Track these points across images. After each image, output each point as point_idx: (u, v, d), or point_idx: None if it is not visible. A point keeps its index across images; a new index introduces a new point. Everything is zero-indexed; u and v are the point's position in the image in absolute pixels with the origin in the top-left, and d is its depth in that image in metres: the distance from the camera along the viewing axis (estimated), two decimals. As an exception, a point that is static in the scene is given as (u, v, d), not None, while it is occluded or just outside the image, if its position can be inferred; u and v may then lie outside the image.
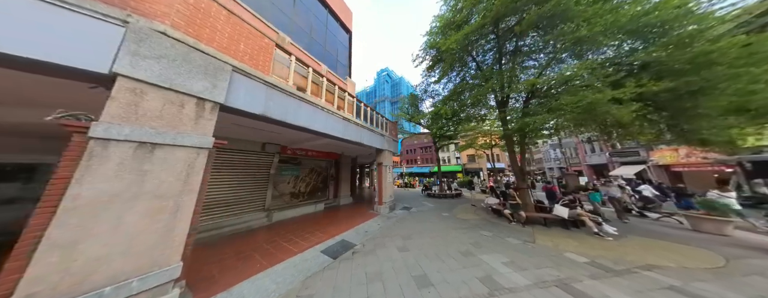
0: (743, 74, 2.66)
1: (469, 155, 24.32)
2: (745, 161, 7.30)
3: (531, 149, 27.01)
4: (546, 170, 25.76)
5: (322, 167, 7.20)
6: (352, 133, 4.57)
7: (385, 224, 4.63)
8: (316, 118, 3.39)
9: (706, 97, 2.97)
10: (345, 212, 5.96)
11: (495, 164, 15.99)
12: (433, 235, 3.69)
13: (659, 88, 2.82)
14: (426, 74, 6.55)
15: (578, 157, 17.68)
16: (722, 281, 2.09)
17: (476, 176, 22.70)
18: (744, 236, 3.57)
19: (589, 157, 16.76)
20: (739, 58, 2.69)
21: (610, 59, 3.58)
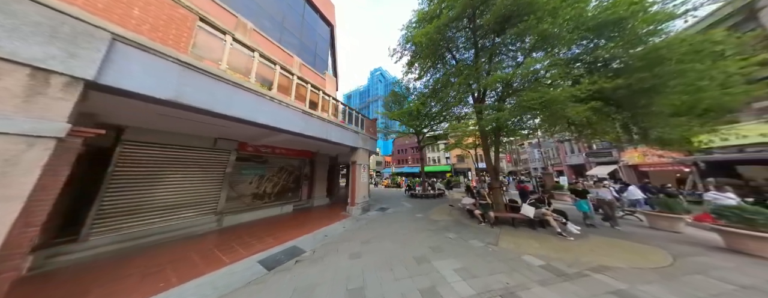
0: (689, 70, 2.67)
1: (457, 154, 24.65)
2: (699, 161, 7.82)
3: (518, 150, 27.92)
4: (531, 170, 26.78)
5: (295, 166, 6.74)
6: (315, 129, 4.20)
7: (352, 226, 4.32)
8: (261, 109, 2.99)
9: (659, 95, 2.98)
10: (314, 214, 5.58)
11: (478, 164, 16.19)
12: (395, 238, 3.44)
13: (612, 85, 2.78)
14: (407, 71, 6.34)
15: (560, 157, 18.43)
16: (666, 282, 2.02)
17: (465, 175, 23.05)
18: (693, 231, 3.68)
19: (569, 157, 17.50)
20: (687, 54, 2.71)
21: (575, 57, 3.53)
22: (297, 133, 3.75)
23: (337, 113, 5.48)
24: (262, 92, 3.02)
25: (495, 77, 3.35)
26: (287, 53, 6.41)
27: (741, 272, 2.20)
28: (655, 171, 10.40)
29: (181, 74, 2.09)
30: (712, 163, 7.60)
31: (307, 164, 7.17)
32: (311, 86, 4.40)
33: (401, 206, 7.26)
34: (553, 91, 2.78)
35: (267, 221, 4.73)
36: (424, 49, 4.74)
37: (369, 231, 3.92)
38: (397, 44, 5.61)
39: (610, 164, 12.79)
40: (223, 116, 2.54)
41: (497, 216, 4.07)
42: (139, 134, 3.21)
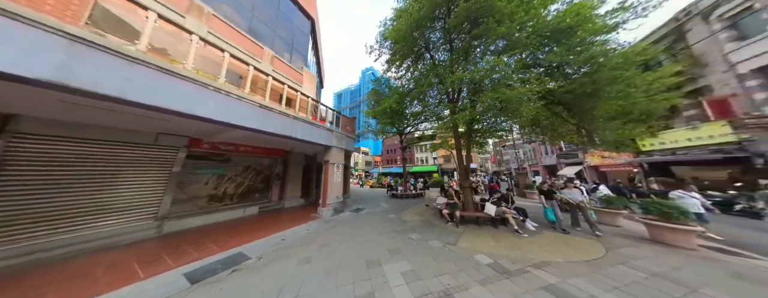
0: (619, 77, 2.95)
1: (443, 155, 25.36)
2: (643, 163, 8.88)
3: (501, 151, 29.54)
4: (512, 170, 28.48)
5: (265, 165, 6.29)
6: (277, 126, 3.89)
7: (317, 229, 4.09)
8: (202, 101, 2.65)
9: (600, 100, 3.25)
10: (282, 216, 5.24)
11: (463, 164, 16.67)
12: (357, 241, 3.31)
13: (558, 88, 2.96)
14: (386, 68, 6.24)
15: (536, 158, 19.84)
16: (592, 274, 2.16)
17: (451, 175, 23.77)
18: (627, 224, 4.07)
19: (544, 158, 18.88)
20: (619, 63, 2.99)
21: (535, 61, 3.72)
22: (253, 129, 3.44)
23: (308, 109, 5.20)
24: (203, 82, 2.68)
25: (456, 76, 3.40)
26: (256, 44, 5.95)
27: (655, 261, 2.44)
28: (612, 171, 11.57)
29: (68, 50, 1.73)
30: (653, 164, 8.67)
31: (279, 163, 6.74)
32: (273, 79, 4.08)
33: (378, 206, 7.16)
34: (509, 91, 2.88)
35: (224, 225, 4.30)
36: (401, 48, 4.70)
37: (333, 234, 3.74)
38: (375, 41, 5.51)
39: (576, 165, 14.02)
40: (142, 106, 2.18)
41: (463, 215, 4.14)
42: (40, 126, 2.66)
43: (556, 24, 3.12)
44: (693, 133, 7.16)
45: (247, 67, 3.52)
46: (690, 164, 7.84)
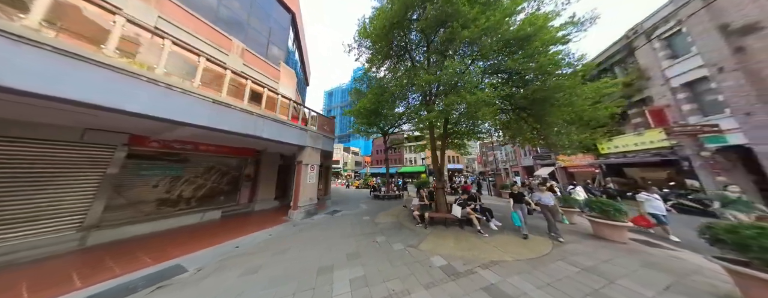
0: (562, 85, 3.20)
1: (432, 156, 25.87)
2: (602, 164, 9.88)
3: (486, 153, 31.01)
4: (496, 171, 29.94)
5: (232, 165, 5.84)
6: (234, 123, 3.59)
7: (281, 233, 3.86)
8: (128, 92, 2.32)
9: (552, 106, 3.50)
10: (246, 221, 4.88)
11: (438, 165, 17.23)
12: (318, 246, 3.17)
13: (512, 93, 3.11)
14: (368, 68, 6.13)
15: (516, 159, 21.14)
16: (532, 271, 2.27)
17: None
18: (580, 221, 4.42)
19: (523, 159, 20.17)
20: (565, 75, 3.25)
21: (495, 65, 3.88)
22: (203, 126, 3.13)
23: (283, 107, 4.91)
24: (132, 71, 2.35)
25: (423, 79, 3.44)
26: (223, 35, 5.50)
27: (590, 256, 2.65)
28: (578, 172, 12.68)
29: None
30: (609, 165, 9.69)
31: (249, 164, 6.31)
32: (234, 73, 3.76)
33: (357, 208, 7.04)
34: (469, 96, 2.98)
35: (175, 232, 3.87)
36: (381, 48, 4.65)
37: (296, 238, 3.55)
38: (353, 40, 5.39)
39: (550, 166, 15.16)
40: (40, 96, 1.84)
41: (432, 217, 4.19)
42: None
43: (516, 32, 3.29)
44: (639, 138, 8.09)
45: (198, 59, 3.19)
46: (638, 166, 8.88)
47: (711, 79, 5.84)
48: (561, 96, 3.25)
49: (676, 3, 6.48)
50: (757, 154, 5.03)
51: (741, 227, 1.72)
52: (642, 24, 7.63)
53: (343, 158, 35.92)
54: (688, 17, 6.09)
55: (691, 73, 6.29)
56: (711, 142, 5.72)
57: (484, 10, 3.35)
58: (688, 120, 6.37)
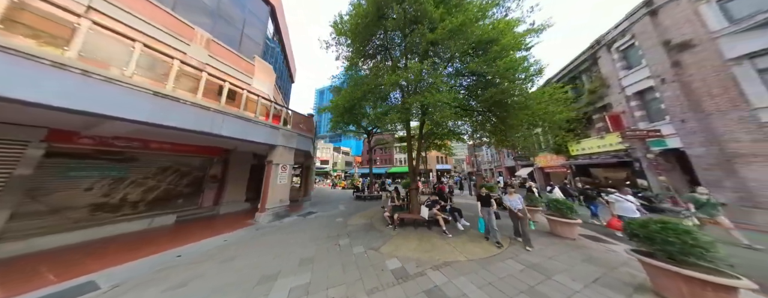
0: (513, 88, 3.35)
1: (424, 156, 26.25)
2: (572, 165, 10.68)
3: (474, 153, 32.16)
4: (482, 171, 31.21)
5: (194, 165, 5.37)
6: (184, 119, 3.25)
7: (239, 239, 3.59)
8: (30, 79, 1.98)
9: (513, 109, 3.65)
10: (204, 225, 4.48)
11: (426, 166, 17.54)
12: (274, 251, 2.98)
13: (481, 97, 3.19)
14: (348, 67, 5.97)
15: (500, 160, 22.17)
16: (479, 271, 2.32)
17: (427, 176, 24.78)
18: (541, 219, 4.62)
19: (506, 160, 21.17)
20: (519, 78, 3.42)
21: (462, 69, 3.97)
22: (141, 122, 2.79)
23: (242, 102, 4.58)
24: (27, 52, 1.99)
25: (390, 78, 3.40)
26: (182, 22, 5.02)
27: (539, 253, 2.78)
28: (553, 172, 13.55)
29: None
30: (578, 166, 10.49)
31: (216, 163, 5.85)
32: (180, 62, 3.42)
33: (334, 209, 6.86)
34: (429, 96, 3.00)
35: (109, 241, 3.41)
36: (358, 47, 4.53)
37: (253, 244, 3.31)
38: (329, 36, 5.21)
39: (529, 166, 16.05)
40: None
41: (402, 218, 4.17)
42: None
43: (480, 36, 3.36)
44: (601, 141, 8.83)
45: (133, 44, 2.83)
46: (601, 166, 9.70)
47: (656, 89, 6.53)
48: (517, 99, 3.40)
49: (630, 19, 7.15)
50: (689, 156, 5.71)
51: (650, 222, 1.89)
52: (604, 36, 8.33)
53: (332, 157, 35.18)
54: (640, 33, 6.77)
55: (641, 83, 6.99)
56: (655, 145, 6.38)
57: (449, 10, 3.38)
58: (638, 125, 7.06)
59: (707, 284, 1.50)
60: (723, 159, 5.05)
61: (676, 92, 5.87)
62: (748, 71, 4.85)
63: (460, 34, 3.29)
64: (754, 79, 4.78)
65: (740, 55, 4.92)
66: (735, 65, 4.99)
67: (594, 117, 9.42)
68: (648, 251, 1.89)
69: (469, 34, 3.27)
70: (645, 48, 6.72)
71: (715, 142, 5.19)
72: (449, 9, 3.41)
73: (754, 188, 4.61)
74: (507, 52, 3.18)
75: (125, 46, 2.83)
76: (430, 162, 26.65)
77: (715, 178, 5.20)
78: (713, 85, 5.22)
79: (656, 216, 2.08)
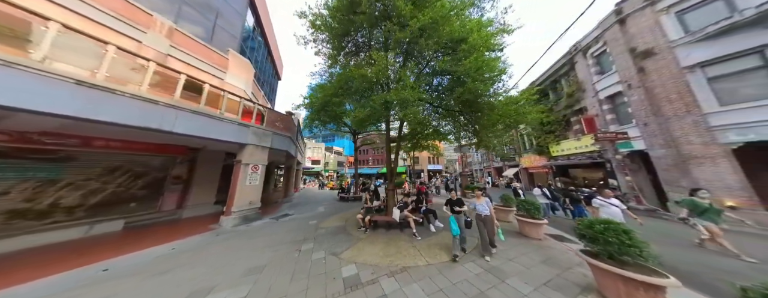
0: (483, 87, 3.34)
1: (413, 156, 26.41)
2: (552, 165, 11.11)
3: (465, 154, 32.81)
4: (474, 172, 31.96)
5: (152, 165, 4.91)
6: (123, 113, 2.89)
7: (193, 246, 3.27)
8: None
9: (485, 109, 3.64)
10: (156, 231, 4.06)
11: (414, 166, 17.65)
12: (222, 260, 2.72)
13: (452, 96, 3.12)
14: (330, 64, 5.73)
15: (489, 161, 22.78)
16: (436, 277, 2.22)
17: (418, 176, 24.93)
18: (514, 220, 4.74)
19: (495, 161, 21.75)
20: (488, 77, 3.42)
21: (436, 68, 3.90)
22: (62, 115, 2.43)
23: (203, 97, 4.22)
24: None
25: (358, 72, 3.26)
26: (137, 8, 4.56)
27: (500, 256, 2.75)
28: (536, 173, 14.04)
29: None
30: (558, 167, 10.93)
31: (179, 164, 5.40)
32: (117, 49, 3.05)
33: (313, 210, 6.61)
34: (393, 94, 2.90)
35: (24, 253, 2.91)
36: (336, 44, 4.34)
37: (202, 253, 3.01)
38: (307, 31, 4.97)
39: (515, 167, 16.55)
40: None
41: (373, 220, 4.04)
42: None
43: (450, 34, 3.30)
44: (578, 143, 9.23)
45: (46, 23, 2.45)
46: (579, 167, 10.17)
47: (624, 94, 6.90)
48: (486, 100, 3.39)
49: (602, 26, 7.52)
50: (651, 157, 6.08)
51: (595, 222, 1.89)
52: (581, 42, 8.72)
53: (324, 157, 34.48)
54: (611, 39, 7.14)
55: (611, 88, 7.37)
56: (622, 147, 6.74)
57: (420, 7, 3.29)
58: (610, 128, 7.44)
59: (639, 283, 1.51)
60: (679, 160, 5.40)
61: (641, 97, 6.23)
62: (700, 79, 5.23)
63: (433, 32, 3.21)
64: (704, 86, 5.15)
65: (693, 63, 5.29)
66: (689, 73, 5.36)
67: (572, 119, 9.86)
68: (594, 252, 1.89)
69: (442, 32, 3.21)
70: (615, 54, 7.09)
71: (672, 144, 5.54)
72: (420, 6, 3.32)
73: (703, 186, 4.96)
74: (476, 52, 3.15)
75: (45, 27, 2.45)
76: (421, 162, 26.89)
77: (673, 178, 5.56)
78: (671, 91, 5.58)
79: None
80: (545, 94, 11.64)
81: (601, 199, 3.10)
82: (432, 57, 3.45)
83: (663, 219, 5.11)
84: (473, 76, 3.16)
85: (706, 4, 5.26)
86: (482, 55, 3.25)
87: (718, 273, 2.29)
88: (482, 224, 2.78)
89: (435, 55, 3.56)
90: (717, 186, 4.80)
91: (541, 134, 11.43)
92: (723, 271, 2.35)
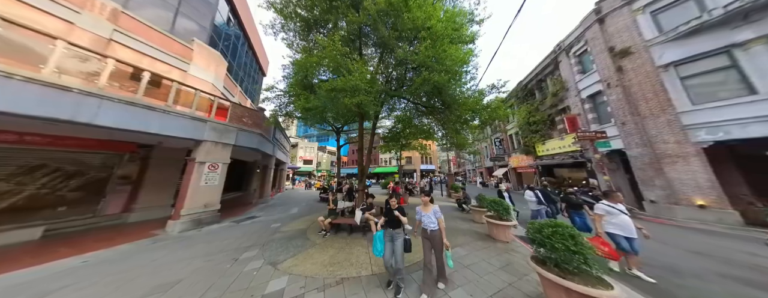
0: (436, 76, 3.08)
1: (407, 156, 26.26)
2: (539, 165, 11.14)
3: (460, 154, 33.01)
4: (467, 172, 32.20)
5: (91, 164, 4.36)
6: (17, 102, 2.43)
7: (110, 258, 2.78)
8: None
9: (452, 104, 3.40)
10: (76, 240, 3.46)
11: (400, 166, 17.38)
12: (133, 275, 2.31)
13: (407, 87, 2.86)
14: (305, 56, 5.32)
15: (481, 161, 22.96)
16: (372, 291, 1.94)
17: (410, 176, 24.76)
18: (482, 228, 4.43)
19: (486, 161, 21.94)
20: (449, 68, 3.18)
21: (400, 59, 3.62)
22: None
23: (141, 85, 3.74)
24: None
25: (310, 59, 2.93)
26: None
27: (461, 260, 2.49)
28: (524, 173, 14.11)
29: None
30: (544, 166, 10.96)
31: (127, 162, 4.85)
32: (4, 22, 2.56)
33: (285, 212, 6.20)
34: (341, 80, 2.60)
35: None
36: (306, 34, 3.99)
37: (116, 266, 2.54)
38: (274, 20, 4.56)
39: (504, 167, 16.63)
40: None
41: (334, 223, 3.71)
42: None
43: (413, 21, 3.02)
44: (561, 142, 9.24)
45: None
46: (563, 167, 10.22)
47: (603, 93, 6.90)
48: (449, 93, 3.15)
49: (584, 25, 7.52)
50: (628, 156, 6.08)
51: (545, 226, 1.65)
52: (564, 41, 8.73)
53: (317, 157, 33.78)
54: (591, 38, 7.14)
55: (592, 87, 7.37)
56: (601, 146, 6.73)
57: None
58: (591, 127, 7.45)
59: (581, 294, 1.29)
60: (654, 159, 5.40)
61: (619, 96, 6.22)
62: (673, 78, 5.23)
63: (396, 19, 2.93)
64: (678, 85, 5.16)
65: (667, 62, 5.29)
66: (663, 72, 5.37)
67: (556, 119, 9.90)
68: (541, 258, 1.65)
69: (404, 19, 2.92)
70: (595, 53, 7.08)
71: (648, 143, 5.54)
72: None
73: (676, 186, 4.96)
74: (439, 41, 2.88)
75: None
76: (415, 162, 26.75)
77: (648, 177, 5.56)
78: (647, 90, 5.57)
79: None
80: (532, 93, 11.72)
81: (607, 203, 2.28)
82: (395, 45, 3.18)
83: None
84: (431, 66, 2.90)
85: (679, 4, 5.28)
86: (444, 44, 2.98)
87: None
88: (427, 243, 1.94)
89: (398, 44, 3.28)
90: (689, 185, 4.80)
91: (528, 134, 11.44)
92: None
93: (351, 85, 2.52)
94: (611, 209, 2.26)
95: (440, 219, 1.98)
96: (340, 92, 2.67)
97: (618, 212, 2.20)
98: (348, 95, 2.63)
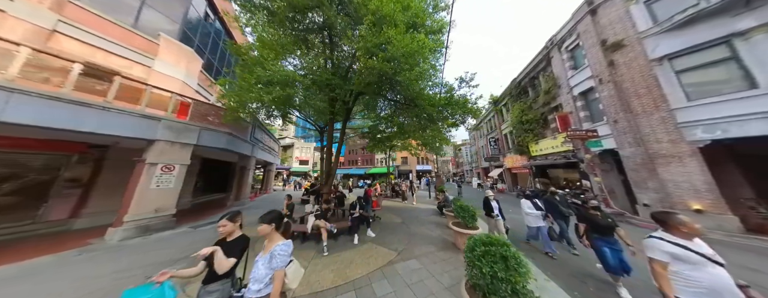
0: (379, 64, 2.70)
1: (403, 157, 25.88)
2: (532, 166, 10.74)
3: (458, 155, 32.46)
4: (465, 172, 31.76)
5: (31, 165, 4.02)
6: None
7: (16, 273, 2.44)
8: None
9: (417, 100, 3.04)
10: (19, 246, 3.18)
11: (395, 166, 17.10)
12: (29, 293, 1.95)
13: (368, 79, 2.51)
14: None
15: (477, 162, 22.60)
16: None
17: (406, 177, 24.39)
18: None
19: (483, 162, 21.61)
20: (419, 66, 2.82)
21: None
22: None
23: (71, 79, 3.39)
24: None
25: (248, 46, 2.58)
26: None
27: (401, 280, 2.11)
28: (518, 173, 13.70)
29: None
30: (537, 167, 10.56)
31: (76, 163, 4.50)
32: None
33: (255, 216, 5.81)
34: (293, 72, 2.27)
35: None
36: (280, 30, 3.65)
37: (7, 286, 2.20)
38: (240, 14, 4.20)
39: (499, 167, 16.23)
40: None
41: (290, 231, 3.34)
42: None
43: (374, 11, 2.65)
44: (554, 142, 8.84)
45: None
46: (557, 167, 9.81)
47: (595, 90, 6.50)
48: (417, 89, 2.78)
49: (575, 17, 7.11)
50: (621, 156, 5.68)
51: (478, 243, 1.34)
52: (556, 35, 8.32)
53: (313, 158, 33.50)
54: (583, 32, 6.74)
55: (584, 83, 6.96)
56: (592, 145, 6.33)
57: None
58: (583, 126, 7.05)
59: None
60: (647, 159, 5.00)
61: (611, 92, 5.83)
62: (668, 72, 4.83)
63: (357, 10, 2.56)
64: (673, 79, 4.76)
65: (662, 55, 4.88)
66: (657, 66, 4.97)
67: (549, 117, 9.49)
68: (473, 285, 1.29)
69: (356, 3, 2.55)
70: (587, 47, 6.68)
71: (641, 142, 5.14)
72: None
73: (670, 188, 4.57)
74: (391, 26, 2.51)
75: None
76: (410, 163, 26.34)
77: (641, 178, 5.17)
78: (640, 86, 5.17)
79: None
80: (525, 91, 11.31)
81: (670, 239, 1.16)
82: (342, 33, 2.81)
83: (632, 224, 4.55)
84: (374, 52, 2.53)
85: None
86: (391, 29, 2.59)
87: None
88: None
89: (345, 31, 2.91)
90: (684, 188, 4.40)
91: (521, 133, 11.02)
92: None
93: (282, 73, 2.17)
94: (681, 252, 1.10)
95: (278, 272, 1.05)
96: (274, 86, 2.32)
97: (698, 258, 1.06)
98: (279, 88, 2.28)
